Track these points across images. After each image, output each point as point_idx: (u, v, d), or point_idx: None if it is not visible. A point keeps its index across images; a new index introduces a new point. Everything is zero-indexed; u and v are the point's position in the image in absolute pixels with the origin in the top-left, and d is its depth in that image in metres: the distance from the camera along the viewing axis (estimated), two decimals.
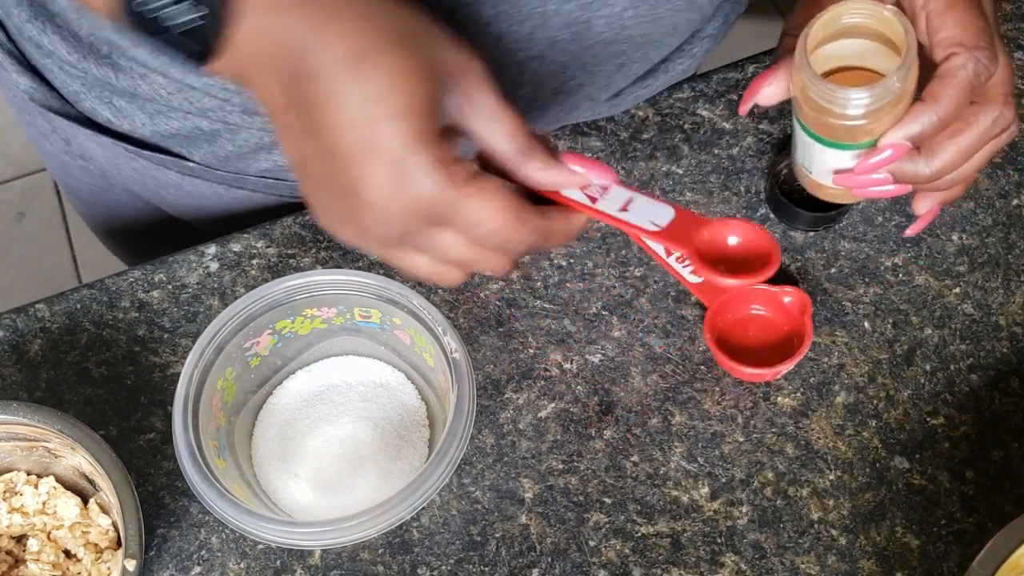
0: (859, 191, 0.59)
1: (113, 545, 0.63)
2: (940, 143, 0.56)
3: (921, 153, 0.56)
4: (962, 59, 0.54)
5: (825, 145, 0.58)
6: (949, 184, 0.59)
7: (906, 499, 0.65)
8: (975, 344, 0.70)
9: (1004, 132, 0.58)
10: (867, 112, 0.54)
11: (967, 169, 0.58)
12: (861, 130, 0.55)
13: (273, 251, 0.73)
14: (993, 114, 0.56)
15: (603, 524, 0.64)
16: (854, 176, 0.58)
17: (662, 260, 0.72)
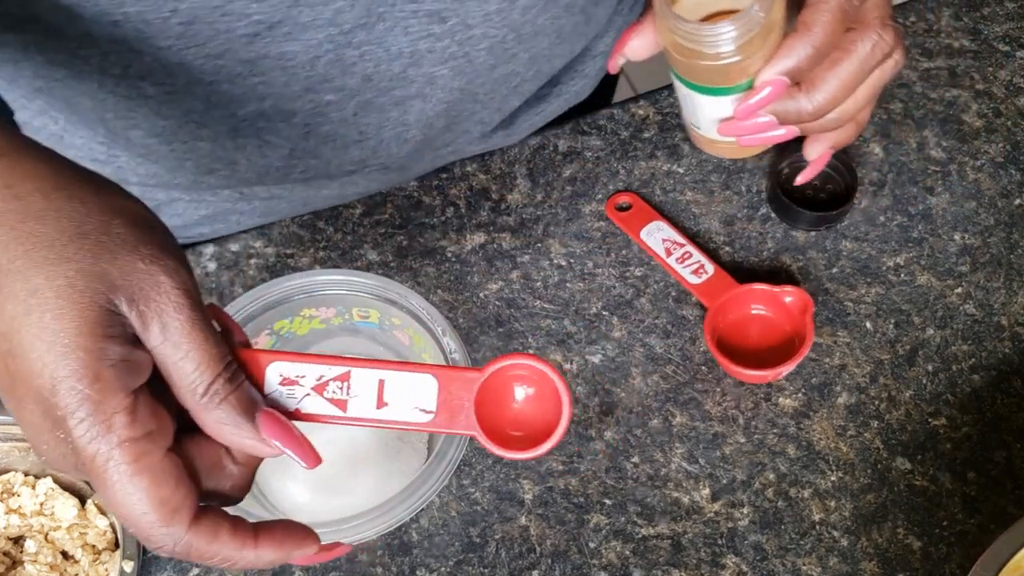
0: (746, 139, 0.56)
1: (111, 546, 0.62)
2: (820, 75, 0.53)
3: (802, 88, 0.53)
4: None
5: (703, 93, 0.55)
6: (837, 123, 0.55)
7: (908, 500, 0.65)
8: (977, 344, 0.69)
9: (887, 59, 0.54)
10: (736, 48, 0.52)
11: (854, 105, 0.54)
12: (735, 69, 0.53)
13: (271, 251, 0.73)
14: (871, 39, 0.53)
15: (603, 525, 0.64)
16: (737, 122, 0.55)
17: (662, 260, 0.71)
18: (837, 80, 0.53)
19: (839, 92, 0.53)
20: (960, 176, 0.75)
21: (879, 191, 0.75)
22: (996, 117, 0.78)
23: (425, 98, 0.64)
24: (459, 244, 0.73)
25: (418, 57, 0.60)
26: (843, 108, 0.54)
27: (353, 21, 0.57)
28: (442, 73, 0.62)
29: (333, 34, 0.57)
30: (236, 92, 0.59)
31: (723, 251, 0.73)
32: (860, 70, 0.53)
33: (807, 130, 0.56)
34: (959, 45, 0.81)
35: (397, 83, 0.62)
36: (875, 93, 0.55)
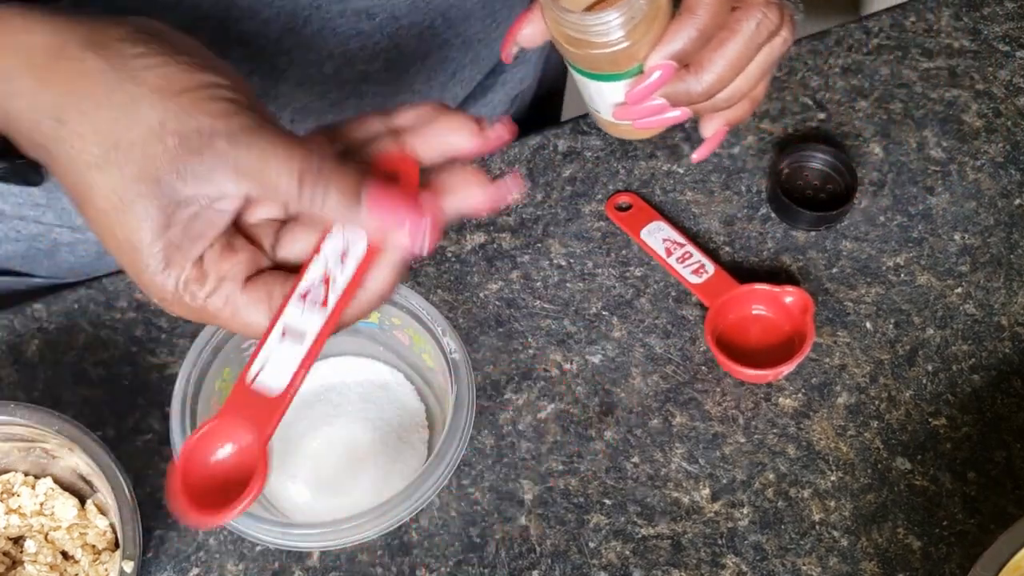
0: (641, 122, 0.56)
1: (111, 546, 0.62)
2: (707, 56, 0.53)
3: (690, 70, 0.54)
4: None
5: (596, 79, 0.56)
6: (729, 101, 0.56)
7: (908, 500, 0.65)
8: (977, 344, 0.69)
9: (775, 36, 0.54)
10: (622, 35, 0.52)
11: (744, 83, 0.55)
12: (623, 56, 0.53)
13: None
14: (756, 18, 0.53)
15: (603, 525, 0.64)
16: (629, 106, 0.55)
17: (663, 260, 0.71)
18: (724, 60, 0.53)
19: (727, 72, 0.53)
20: (960, 176, 0.75)
21: (879, 191, 0.75)
22: (996, 117, 0.78)
23: (361, 95, 0.63)
24: (459, 244, 0.73)
25: (350, 56, 0.60)
26: (734, 86, 0.55)
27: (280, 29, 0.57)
28: (375, 68, 0.62)
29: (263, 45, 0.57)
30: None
31: (723, 251, 0.73)
32: (746, 48, 0.53)
33: (700, 110, 0.56)
34: (959, 45, 0.81)
35: (331, 86, 0.62)
36: (766, 70, 0.56)
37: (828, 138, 0.77)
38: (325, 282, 0.44)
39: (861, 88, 0.79)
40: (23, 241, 0.68)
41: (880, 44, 0.81)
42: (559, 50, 0.56)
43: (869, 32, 0.81)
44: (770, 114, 0.77)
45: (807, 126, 0.77)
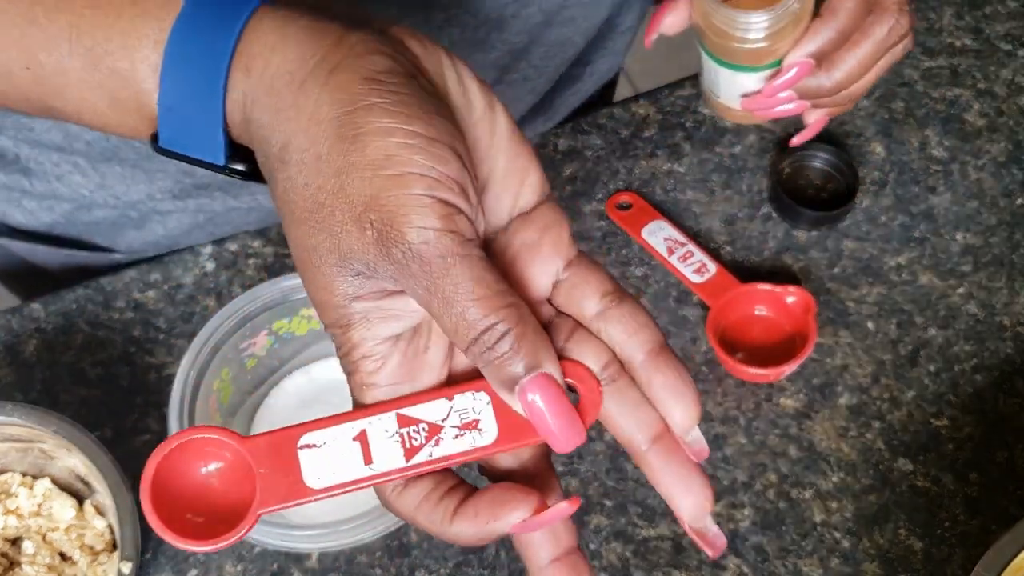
0: (764, 112, 0.59)
1: (109, 547, 0.62)
2: (840, 56, 0.56)
3: (822, 68, 0.57)
4: None
5: (732, 69, 0.58)
6: (848, 97, 0.59)
7: (910, 501, 0.64)
8: (979, 345, 0.69)
9: (901, 42, 0.58)
10: (768, 35, 0.55)
11: (865, 82, 0.58)
12: (765, 52, 0.56)
13: (270, 250, 0.72)
14: (889, 23, 0.56)
15: (604, 527, 0.64)
16: (762, 98, 0.58)
17: (664, 259, 0.71)
18: (855, 60, 0.56)
19: (856, 71, 0.57)
20: (962, 175, 0.75)
21: (881, 190, 0.75)
22: (998, 116, 0.78)
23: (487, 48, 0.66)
24: None
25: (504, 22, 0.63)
26: (857, 85, 0.58)
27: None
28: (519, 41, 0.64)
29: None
30: None
31: (724, 251, 0.72)
32: (876, 51, 0.56)
33: (820, 103, 0.59)
34: (961, 44, 0.81)
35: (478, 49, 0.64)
36: (885, 71, 0.59)
37: (830, 137, 0.76)
38: (430, 433, 0.38)
39: None
40: (118, 208, 0.68)
41: None
42: (699, 38, 0.58)
43: None
44: None
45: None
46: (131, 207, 0.69)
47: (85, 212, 0.70)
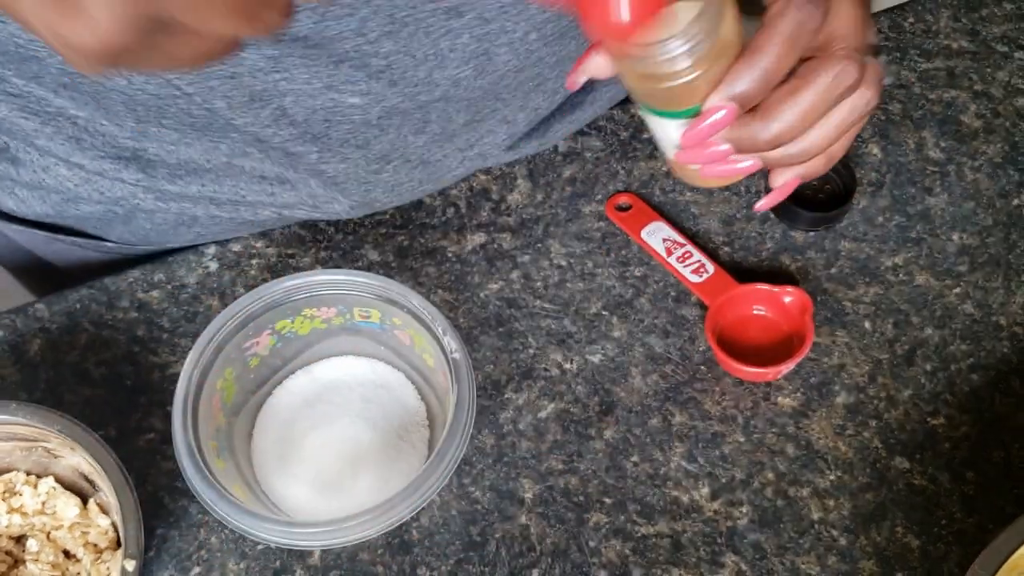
0: (708, 170, 0.54)
1: (112, 545, 0.63)
2: (776, 102, 0.51)
3: (756, 115, 0.51)
4: (780, 5, 0.49)
5: (658, 116, 0.53)
6: (803, 156, 0.53)
7: (907, 499, 0.65)
8: (976, 344, 0.70)
9: (852, 92, 0.52)
10: (689, 65, 0.48)
11: (820, 138, 0.53)
12: (685, 90, 0.50)
13: (272, 251, 0.73)
14: (833, 70, 0.50)
15: (603, 524, 0.64)
16: (693, 149, 0.53)
17: (663, 259, 0.72)
18: (794, 108, 0.51)
19: (796, 121, 0.51)
20: (959, 176, 0.76)
21: (878, 191, 0.75)
22: (995, 118, 0.78)
23: (448, 100, 0.64)
24: (459, 244, 0.73)
25: (442, 57, 0.60)
26: (809, 141, 0.53)
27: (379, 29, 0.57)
28: (465, 74, 0.62)
29: (359, 43, 0.58)
30: (257, 87, 0.59)
31: (722, 251, 0.73)
32: (820, 100, 0.51)
33: (771, 161, 0.54)
34: (957, 46, 0.81)
35: (422, 88, 0.62)
36: (844, 128, 0.53)
37: None
38: None
39: None
40: (103, 203, 0.69)
41: (879, 45, 0.81)
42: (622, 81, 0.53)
43: None
44: None
45: None
46: (115, 203, 0.69)
47: (72, 205, 0.70)
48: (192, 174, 0.68)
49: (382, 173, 0.69)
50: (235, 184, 0.68)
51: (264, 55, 0.57)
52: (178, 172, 0.68)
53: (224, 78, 0.59)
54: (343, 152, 0.66)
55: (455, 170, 0.72)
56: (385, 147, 0.67)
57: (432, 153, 0.69)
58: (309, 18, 0.55)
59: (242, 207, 0.71)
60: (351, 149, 0.66)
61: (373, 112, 0.63)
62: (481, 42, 0.61)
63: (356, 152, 0.66)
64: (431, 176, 0.71)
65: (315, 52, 0.58)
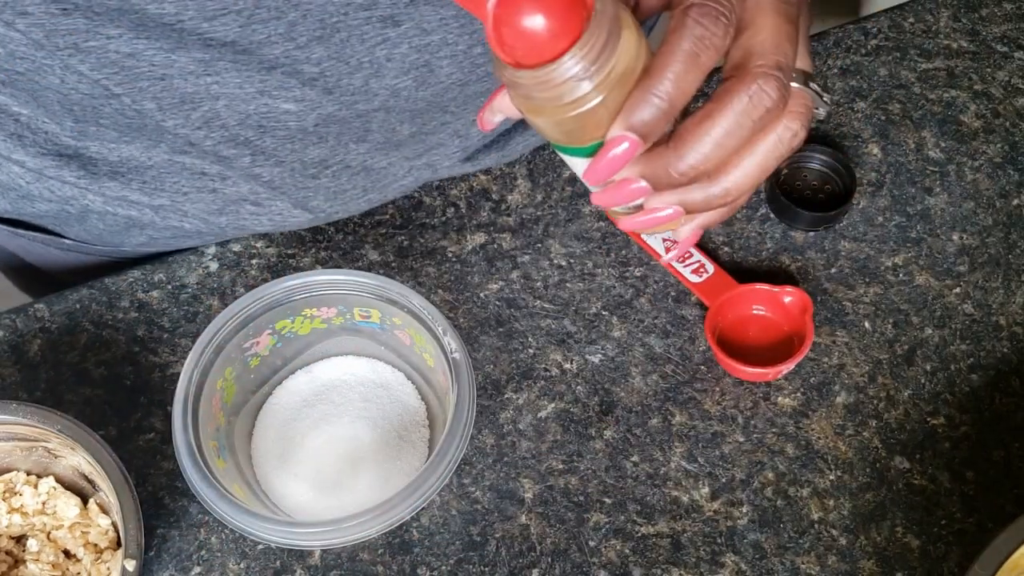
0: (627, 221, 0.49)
1: (113, 545, 0.63)
2: (686, 130, 0.46)
3: (670, 146, 0.46)
4: (676, 20, 0.44)
5: (565, 154, 0.49)
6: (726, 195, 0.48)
7: (906, 499, 0.65)
8: (976, 344, 0.70)
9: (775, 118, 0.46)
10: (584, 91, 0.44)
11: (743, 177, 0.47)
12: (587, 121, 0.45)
13: (273, 251, 0.73)
14: (748, 89, 0.45)
15: (603, 524, 0.64)
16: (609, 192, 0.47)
17: (662, 259, 0.72)
18: (708, 134, 0.45)
19: (712, 148, 0.46)
20: (958, 176, 0.76)
21: (877, 191, 0.75)
22: (994, 118, 0.78)
23: (388, 110, 0.63)
24: (460, 244, 0.73)
25: (379, 66, 0.59)
26: (732, 180, 0.47)
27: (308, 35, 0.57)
28: (405, 84, 0.60)
29: (289, 48, 0.57)
30: (188, 90, 0.59)
31: (722, 251, 0.73)
32: (736, 124, 0.45)
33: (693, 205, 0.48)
34: (957, 46, 0.81)
35: (360, 96, 0.61)
36: (769, 165, 0.48)
37: (827, 139, 0.77)
38: None
39: (860, 89, 0.79)
40: (55, 202, 0.69)
41: (879, 45, 0.81)
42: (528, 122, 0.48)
43: (868, 33, 0.82)
44: None
45: None
46: (66, 202, 0.68)
47: (28, 203, 0.70)
48: (133, 171, 0.68)
49: (320, 178, 0.68)
50: (176, 181, 0.68)
51: (194, 58, 0.57)
52: (120, 170, 0.67)
53: (154, 79, 0.58)
54: (278, 156, 0.65)
55: (403, 179, 0.71)
56: (324, 153, 0.66)
57: (376, 160, 0.68)
58: (235, 20, 0.54)
59: (186, 220, 0.71)
60: (287, 153, 0.65)
61: (309, 119, 0.62)
62: (421, 53, 0.59)
63: (292, 156, 0.65)
64: (376, 184, 0.70)
65: (245, 57, 0.57)
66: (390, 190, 0.72)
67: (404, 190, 0.73)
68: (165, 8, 0.53)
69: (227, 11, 0.54)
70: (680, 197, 0.48)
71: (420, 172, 0.71)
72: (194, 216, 0.70)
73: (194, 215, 0.70)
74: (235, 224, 0.71)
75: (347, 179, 0.68)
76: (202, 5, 0.53)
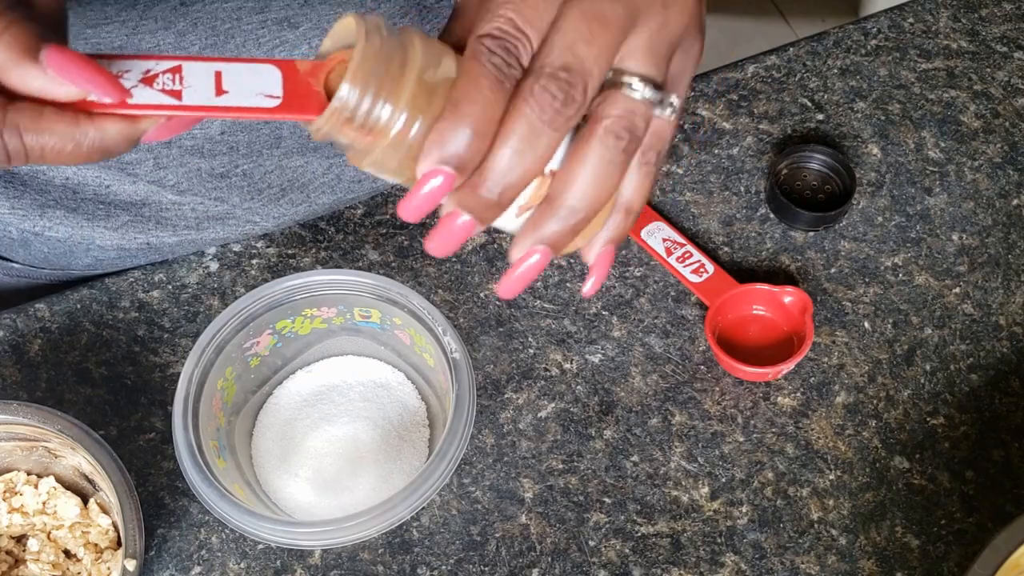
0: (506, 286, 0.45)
1: (113, 545, 0.63)
2: (491, 152, 0.41)
3: (478, 170, 0.42)
4: (472, 46, 0.41)
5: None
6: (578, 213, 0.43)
7: (906, 499, 0.65)
8: (975, 344, 0.70)
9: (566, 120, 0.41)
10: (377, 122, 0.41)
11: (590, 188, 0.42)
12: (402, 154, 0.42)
13: (273, 251, 0.73)
14: (530, 91, 0.41)
15: (603, 524, 0.64)
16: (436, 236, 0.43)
17: (662, 259, 0.72)
18: (508, 149, 0.41)
19: (514, 164, 0.41)
20: (958, 177, 0.76)
21: (877, 191, 0.75)
22: (994, 118, 0.78)
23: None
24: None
25: None
26: (575, 197, 0.43)
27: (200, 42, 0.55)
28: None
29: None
30: None
31: (722, 251, 0.73)
32: (531, 133, 0.41)
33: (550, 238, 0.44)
34: (957, 46, 0.81)
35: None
36: (600, 174, 0.42)
37: (826, 139, 0.77)
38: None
39: (859, 89, 0.79)
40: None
41: (878, 45, 0.81)
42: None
43: (867, 33, 0.82)
44: (769, 115, 0.78)
45: (805, 127, 0.78)
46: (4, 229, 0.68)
47: None
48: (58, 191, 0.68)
49: (231, 176, 0.67)
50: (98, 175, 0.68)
51: None
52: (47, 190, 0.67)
53: None
54: (182, 159, 0.64)
55: (321, 177, 0.71)
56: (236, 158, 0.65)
57: (291, 160, 0.68)
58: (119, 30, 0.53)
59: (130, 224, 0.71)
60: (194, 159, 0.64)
61: (214, 127, 0.61)
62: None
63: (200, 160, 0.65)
64: (293, 183, 0.70)
65: None
66: (308, 188, 0.70)
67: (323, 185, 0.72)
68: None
69: (110, 21, 0.52)
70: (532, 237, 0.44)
71: (342, 169, 0.69)
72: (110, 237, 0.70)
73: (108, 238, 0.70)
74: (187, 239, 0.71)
75: (260, 177, 0.68)
76: (82, 14, 0.52)
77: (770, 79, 0.79)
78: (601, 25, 0.40)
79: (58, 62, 0.38)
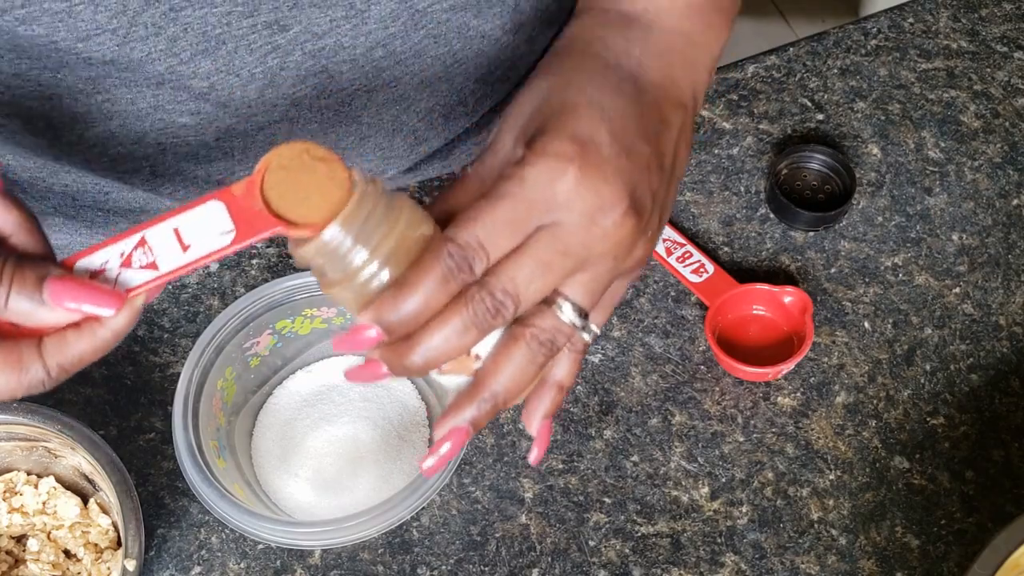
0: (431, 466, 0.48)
1: (113, 545, 0.63)
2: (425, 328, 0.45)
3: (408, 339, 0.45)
4: (438, 244, 0.44)
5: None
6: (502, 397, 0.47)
7: (906, 499, 0.65)
8: (975, 344, 0.70)
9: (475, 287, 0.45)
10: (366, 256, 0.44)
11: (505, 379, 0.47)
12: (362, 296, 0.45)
13: (273, 251, 0.73)
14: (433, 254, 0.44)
15: (603, 524, 0.64)
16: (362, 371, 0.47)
17: (663, 259, 0.72)
18: (439, 334, 0.45)
19: (441, 345, 0.45)
20: (958, 176, 0.76)
21: (877, 191, 0.75)
22: (994, 118, 0.78)
23: (292, 120, 0.61)
24: None
25: (272, 76, 0.58)
26: (503, 386, 0.47)
27: (191, 48, 0.55)
28: (305, 93, 0.59)
29: (173, 64, 0.56)
30: (79, 110, 0.58)
31: (722, 251, 0.73)
32: (462, 327, 0.45)
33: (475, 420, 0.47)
34: (957, 46, 0.81)
35: (256, 109, 0.59)
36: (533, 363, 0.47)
37: (826, 139, 0.77)
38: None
39: (859, 89, 0.79)
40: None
41: (878, 45, 0.81)
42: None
43: (867, 33, 0.82)
44: (768, 115, 0.78)
45: (805, 127, 0.78)
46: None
47: None
48: (43, 192, 0.68)
49: (228, 182, 0.66)
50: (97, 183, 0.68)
51: (80, 76, 0.56)
52: (29, 192, 0.67)
53: (42, 99, 0.57)
54: (179, 166, 0.65)
55: None
56: (231, 164, 0.65)
57: None
58: (111, 39, 0.53)
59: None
60: (190, 166, 0.65)
61: (208, 133, 0.61)
62: (316, 59, 0.58)
63: (196, 167, 0.65)
64: None
65: (130, 74, 0.56)
66: None
67: None
68: (35, 30, 0.52)
69: (101, 31, 0.53)
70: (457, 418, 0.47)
71: None
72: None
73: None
74: None
75: None
76: (73, 26, 0.52)
77: (770, 79, 0.79)
78: (548, 270, 0.45)
79: (57, 290, 0.42)
